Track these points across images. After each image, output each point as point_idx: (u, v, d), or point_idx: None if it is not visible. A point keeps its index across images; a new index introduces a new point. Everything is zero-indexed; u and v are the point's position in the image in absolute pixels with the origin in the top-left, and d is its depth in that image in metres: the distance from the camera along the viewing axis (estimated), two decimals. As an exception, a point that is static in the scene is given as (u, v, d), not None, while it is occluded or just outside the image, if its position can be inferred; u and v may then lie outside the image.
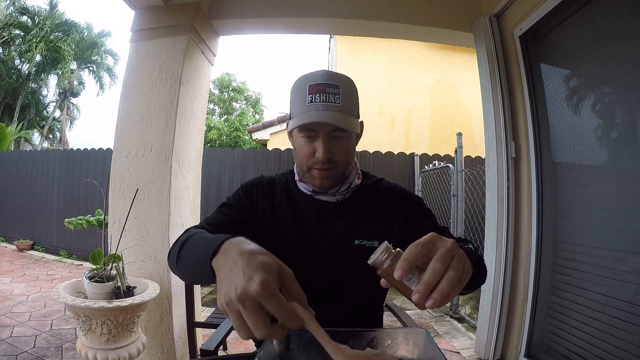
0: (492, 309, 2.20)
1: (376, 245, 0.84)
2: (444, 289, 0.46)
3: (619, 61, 1.60)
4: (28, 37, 12.67)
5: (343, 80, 0.80)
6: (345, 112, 0.77)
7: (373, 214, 0.88)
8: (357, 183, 0.89)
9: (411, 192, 0.95)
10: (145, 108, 2.09)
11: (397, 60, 6.52)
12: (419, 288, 0.47)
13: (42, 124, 15.22)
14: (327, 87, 0.77)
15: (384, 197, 0.90)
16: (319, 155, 0.78)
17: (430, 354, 0.57)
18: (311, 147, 0.79)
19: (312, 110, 0.76)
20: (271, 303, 0.40)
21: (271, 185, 0.92)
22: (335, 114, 0.76)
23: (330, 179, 0.82)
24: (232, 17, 2.38)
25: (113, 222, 2.06)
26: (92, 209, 4.35)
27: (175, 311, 2.02)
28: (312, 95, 0.76)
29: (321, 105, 0.76)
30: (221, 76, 14.74)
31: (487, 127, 2.30)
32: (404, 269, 0.47)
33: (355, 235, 0.85)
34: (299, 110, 0.78)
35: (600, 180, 1.75)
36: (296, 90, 0.81)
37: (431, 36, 2.61)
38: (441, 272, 0.47)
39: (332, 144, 0.79)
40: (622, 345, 1.51)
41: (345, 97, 0.78)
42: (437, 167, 4.10)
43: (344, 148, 0.81)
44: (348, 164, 0.84)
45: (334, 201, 0.87)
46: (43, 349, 2.25)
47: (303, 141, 0.81)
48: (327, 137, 0.78)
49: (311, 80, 0.79)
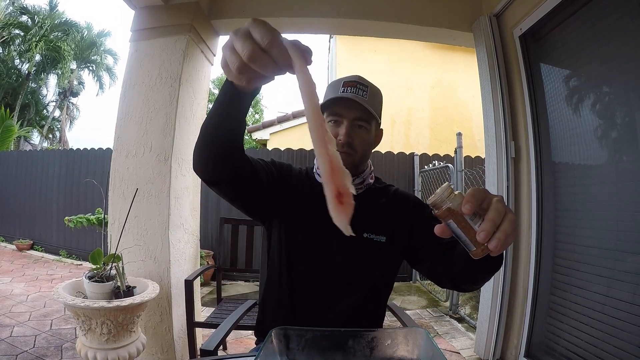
0: (492, 309, 2.20)
1: (383, 241, 0.89)
2: (506, 229, 0.47)
3: (619, 61, 1.60)
4: (28, 37, 12.67)
5: (373, 85, 0.92)
6: (371, 105, 0.88)
7: (383, 211, 0.93)
8: (370, 182, 0.96)
9: (420, 199, 1.01)
10: (145, 108, 2.09)
11: (397, 60, 6.52)
12: (485, 225, 0.47)
13: (41, 123, 15.21)
14: (359, 84, 0.89)
15: (394, 199, 0.95)
16: (340, 137, 0.86)
17: (430, 354, 0.57)
18: (334, 131, 0.87)
19: (341, 95, 0.87)
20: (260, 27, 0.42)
21: (297, 171, 1.00)
22: (361, 104, 0.86)
23: (346, 164, 0.84)
24: (232, 16, 2.38)
25: (113, 221, 2.06)
26: (92, 209, 4.35)
27: (175, 311, 2.01)
28: (344, 88, 0.88)
29: (351, 95, 0.87)
30: (221, 76, 14.74)
31: (487, 127, 2.30)
32: (473, 202, 0.47)
33: (364, 227, 0.89)
34: (330, 95, 0.89)
35: (600, 180, 1.75)
36: (331, 86, 0.93)
37: (431, 36, 2.61)
38: (503, 212, 0.48)
39: (353, 131, 0.88)
40: (621, 345, 1.51)
41: (372, 96, 0.90)
42: (437, 167, 4.10)
43: (364, 137, 0.89)
44: (365, 155, 0.91)
45: None
46: (43, 349, 2.25)
47: (328, 125, 0.88)
48: (351, 124, 0.87)
49: (346, 78, 0.91)
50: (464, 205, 0.47)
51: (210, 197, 4.32)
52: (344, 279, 0.89)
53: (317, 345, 0.61)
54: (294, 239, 0.91)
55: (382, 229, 0.90)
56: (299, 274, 0.90)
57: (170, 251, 2.00)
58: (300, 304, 0.88)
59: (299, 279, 0.90)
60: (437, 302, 3.69)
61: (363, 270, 0.89)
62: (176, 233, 2.08)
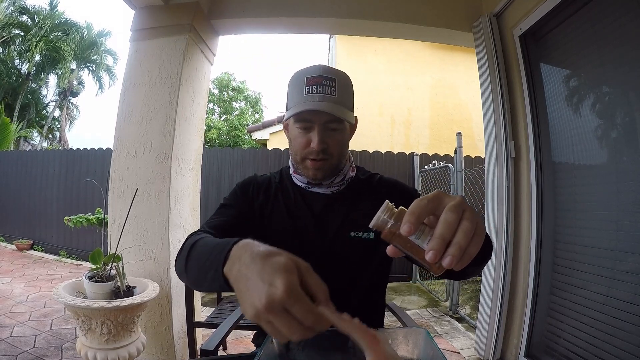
0: (491, 308, 2.20)
1: (372, 237, 0.85)
2: (460, 241, 0.40)
3: (619, 61, 1.60)
4: (28, 37, 12.65)
5: (340, 75, 0.82)
6: (341, 104, 0.80)
7: (368, 206, 0.85)
8: (351, 175, 0.90)
9: (406, 185, 0.94)
10: (144, 108, 2.09)
11: (397, 60, 6.52)
12: (433, 244, 0.40)
13: (41, 123, 15.20)
14: (324, 80, 0.79)
15: (379, 189, 0.90)
16: (313, 145, 0.79)
17: (430, 354, 0.57)
18: (306, 138, 0.81)
19: (308, 100, 0.78)
20: (297, 307, 0.37)
21: (266, 181, 0.93)
22: (330, 104, 0.78)
23: (324, 170, 0.83)
24: (231, 16, 2.38)
25: (113, 221, 2.06)
26: (92, 209, 4.34)
27: (175, 311, 2.01)
28: (309, 87, 0.79)
29: (318, 96, 0.78)
30: (221, 76, 14.74)
31: (487, 127, 2.30)
32: (412, 222, 0.41)
33: (350, 227, 0.85)
34: (296, 101, 0.80)
35: (600, 180, 1.75)
36: (293, 83, 0.83)
37: (431, 36, 2.61)
38: (455, 223, 0.41)
39: (326, 135, 0.81)
40: (621, 345, 1.51)
41: (341, 90, 0.80)
42: (437, 167, 4.10)
43: (338, 140, 0.83)
44: (342, 155, 0.86)
45: (328, 193, 0.88)
46: (43, 349, 2.25)
47: (298, 132, 0.82)
48: (322, 128, 0.80)
49: (309, 73, 0.80)
50: (402, 227, 0.42)
51: (210, 197, 4.32)
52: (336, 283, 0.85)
53: (317, 345, 0.61)
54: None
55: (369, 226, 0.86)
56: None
57: (170, 251, 2.00)
58: None
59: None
60: (437, 302, 3.69)
61: (355, 272, 0.86)
62: (176, 233, 2.08)
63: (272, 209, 0.89)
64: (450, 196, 0.45)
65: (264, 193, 0.91)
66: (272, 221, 0.88)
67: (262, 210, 0.89)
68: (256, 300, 0.38)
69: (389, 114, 6.43)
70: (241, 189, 0.91)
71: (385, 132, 6.38)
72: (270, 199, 0.90)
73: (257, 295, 0.38)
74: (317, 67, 0.82)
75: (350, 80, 0.86)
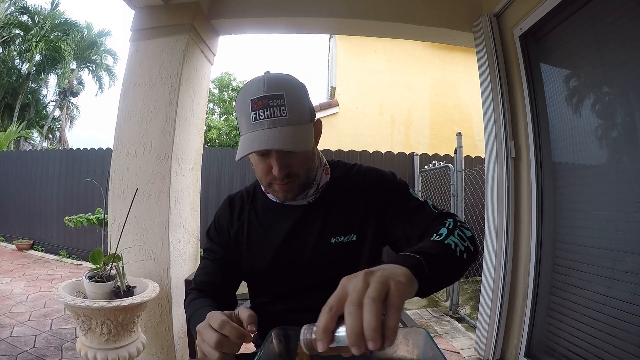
0: (491, 308, 2.20)
1: (354, 239, 0.82)
2: (371, 322, 0.39)
3: (619, 61, 1.60)
4: (28, 37, 12.65)
5: (287, 85, 0.73)
6: (294, 124, 0.71)
7: (346, 207, 0.84)
8: (326, 180, 0.86)
9: (383, 171, 0.89)
10: (145, 108, 2.09)
11: (397, 60, 6.52)
12: (350, 341, 0.40)
13: (41, 123, 15.20)
14: (270, 100, 0.70)
15: (355, 186, 0.85)
16: (275, 172, 0.73)
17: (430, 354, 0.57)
18: (266, 164, 0.75)
19: (257, 129, 0.70)
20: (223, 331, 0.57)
21: (239, 204, 0.92)
22: (282, 129, 0.69)
23: (293, 191, 0.79)
24: (232, 16, 2.38)
25: (113, 221, 2.06)
26: (92, 209, 4.34)
27: (175, 311, 2.01)
28: (255, 112, 0.70)
29: (267, 122, 0.69)
30: (221, 76, 14.69)
31: (487, 127, 2.30)
32: (325, 340, 0.42)
33: (330, 233, 0.82)
34: (245, 129, 0.73)
35: (600, 180, 1.75)
36: (239, 106, 0.74)
37: (431, 36, 2.61)
38: (358, 311, 0.41)
39: (286, 159, 0.74)
40: (621, 345, 1.51)
41: (291, 105, 0.71)
42: (437, 167, 4.10)
43: (301, 159, 0.76)
44: (309, 171, 0.79)
45: (305, 204, 0.85)
46: (43, 349, 2.25)
47: (257, 159, 0.76)
48: (280, 154, 0.72)
49: (252, 93, 0.71)
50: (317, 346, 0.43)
51: (210, 197, 4.32)
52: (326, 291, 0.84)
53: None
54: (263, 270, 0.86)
55: (350, 227, 0.82)
56: (278, 296, 0.88)
57: (170, 251, 2.00)
58: (286, 320, 0.83)
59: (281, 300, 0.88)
60: (437, 302, 3.69)
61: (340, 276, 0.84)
62: (176, 233, 2.08)
63: (248, 232, 0.87)
64: (352, 278, 0.45)
65: (237, 219, 0.89)
66: (251, 244, 0.87)
67: (237, 239, 0.88)
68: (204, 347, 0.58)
69: (389, 114, 6.43)
70: (218, 225, 0.91)
71: (385, 132, 6.38)
72: (244, 224, 0.88)
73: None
74: (259, 83, 0.71)
75: (300, 85, 0.76)
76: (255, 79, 0.73)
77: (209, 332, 0.57)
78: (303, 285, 0.85)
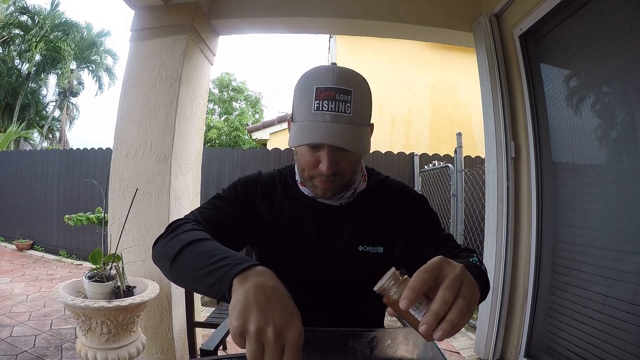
0: (491, 309, 2.20)
1: (381, 252, 0.82)
2: (453, 319, 0.43)
3: (619, 61, 1.60)
4: (28, 37, 12.65)
5: (356, 84, 0.70)
6: (356, 123, 0.68)
7: (377, 218, 0.83)
8: (363, 187, 0.85)
9: (416, 193, 0.89)
10: (144, 108, 2.09)
11: (397, 60, 6.52)
12: (427, 319, 0.44)
13: (41, 123, 15.20)
14: (338, 93, 0.67)
15: (388, 199, 0.85)
16: (322, 168, 0.70)
17: (430, 354, 0.57)
18: (314, 157, 0.72)
19: (318, 119, 0.67)
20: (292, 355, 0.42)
21: (271, 183, 0.87)
22: (344, 127, 0.67)
23: (334, 190, 0.76)
24: (231, 16, 2.38)
25: (113, 221, 2.06)
26: (92, 209, 4.34)
27: (175, 311, 2.01)
28: (319, 102, 0.67)
29: (329, 115, 0.66)
30: (221, 76, 14.73)
31: (487, 127, 2.30)
32: (411, 299, 0.44)
33: (359, 241, 0.81)
34: (303, 117, 0.70)
35: (600, 180, 1.75)
36: (301, 90, 0.71)
37: (431, 36, 2.61)
38: (450, 301, 0.44)
39: (337, 156, 0.71)
40: (621, 345, 1.51)
41: (357, 104, 0.68)
42: (437, 167, 4.10)
43: (351, 159, 0.74)
44: (354, 173, 0.78)
45: (337, 205, 0.83)
46: (43, 349, 2.25)
47: (306, 149, 0.72)
48: (333, 150, 0.69)
49: (320, 81, 0.68)
50: (400, 302, 0.45)
51: (210, 196, 4.30)
52: (342, 295, 0.82)
53: (318, 345, 0.61)
54: (282, 257, 0.82)
55: (379, 238, 0.81)
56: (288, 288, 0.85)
57: (170, 251, 2.00)
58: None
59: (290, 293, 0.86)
60: (437, 302, 3.69)
61: (363, 285, 0.79)
62: (176, 233, 2.08)
63: (278, 215, 0.83)
64: (451, 264, 0.48)
65: (268, 196, 0.85)
66: (278, 229, 0.83)
67: (264, 214, 0.83)
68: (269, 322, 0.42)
69: (389, 114, 6.43)
70: (242, 188, 0.85)
71: (385, 132, 6.38)
72: (275, 205, 0.84)
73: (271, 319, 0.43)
74: (328, 73, 0.68)
75: (367, 84, 0.74)
76: (324, 67, 0.71)
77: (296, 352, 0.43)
78: (318, 284, 0.83)
